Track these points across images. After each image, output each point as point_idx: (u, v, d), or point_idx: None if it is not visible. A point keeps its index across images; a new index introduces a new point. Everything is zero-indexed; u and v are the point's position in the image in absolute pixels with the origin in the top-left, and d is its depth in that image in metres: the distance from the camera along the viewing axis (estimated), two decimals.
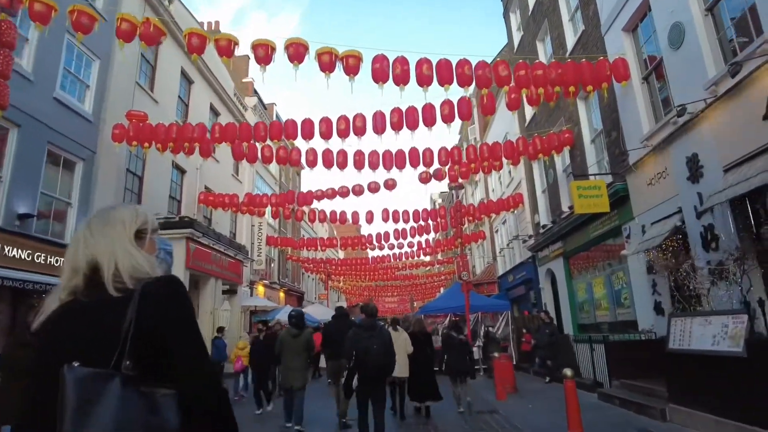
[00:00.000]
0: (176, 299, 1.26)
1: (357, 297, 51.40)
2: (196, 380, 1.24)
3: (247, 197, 16.72)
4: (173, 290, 1.27)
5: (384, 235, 20.71)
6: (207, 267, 15.88)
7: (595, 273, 12.25)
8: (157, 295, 1.23)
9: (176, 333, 1.23)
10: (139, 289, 1.21)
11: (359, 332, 5.73)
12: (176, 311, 1.25)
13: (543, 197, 16.30)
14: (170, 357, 1.21)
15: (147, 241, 1.39)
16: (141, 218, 1.39)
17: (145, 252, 1.35)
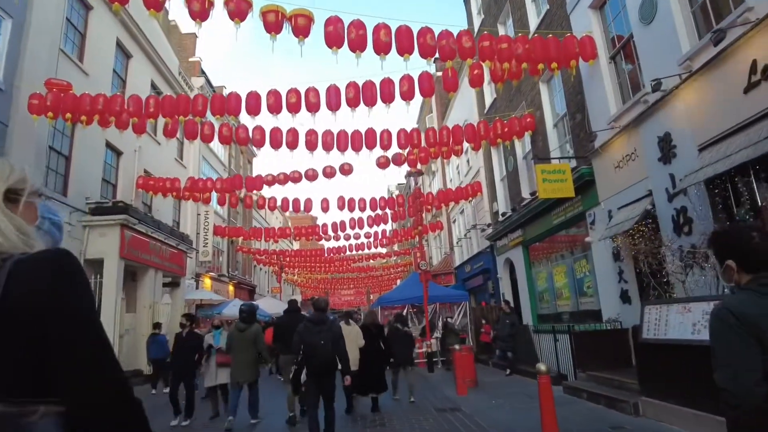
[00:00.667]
0: (63, 280, 0.94)
1: (312, 290, 50.40)
2: (93, 392, 0.92)
3: (190, 182, 15.45)
4: (59, 268, 0.95)
5: (340, 224, 19.88)
6: (145, 257, 14.55)
7: (557, 261, 11.93)
8: (35, 275, 0.92)
9: (62, 326, 0.91)
10: (7, 267, 0.91)
11: (309, 326, 5.59)
12: (63, 297, 0.92)
13: (502, 185, 15.94)
14: (54, 360, 0.89)
15: (22, 205, 1.06)
16: (15, 175, 1.06)
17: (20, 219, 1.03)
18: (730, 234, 1.88)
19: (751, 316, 1.59)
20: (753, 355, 1.56)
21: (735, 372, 1.56)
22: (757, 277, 1.69)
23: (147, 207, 17.35)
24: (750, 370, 1.54)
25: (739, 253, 1.75)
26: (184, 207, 20.91)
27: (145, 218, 14.55)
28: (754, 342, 1.56)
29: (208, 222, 21.91)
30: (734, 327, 1.60)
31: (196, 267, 21.57)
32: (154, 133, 18.21)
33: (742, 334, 1.58)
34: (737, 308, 1.63)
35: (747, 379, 1.53)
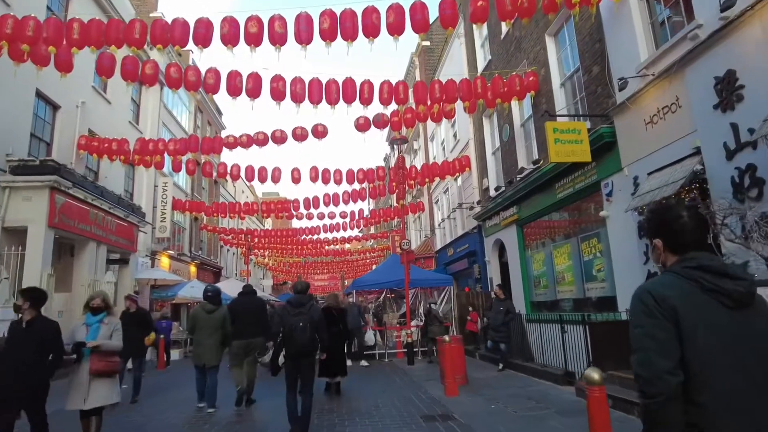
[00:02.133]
0: None
1: (285, 274, 48.49)
2: None
3: (140, 143, 13.39)
4: None
5: (313, 200, 18.06)
6: (83, 228, 12.52)
7: (559, 241, 10.43)
8: None
9: None
10: None
11: (288, 309, 5.62)
12: None
13: (494, 159, 14.38)
14: None
15: None
16: None
17: None
18: (659, 212, 1.78)
19: (671, 299, 1.51)
20: (669, 340, 1.48)
21: (649, 358, 1.49)
22: (682, 258, 1.62)
23: (93, 173, 15.22)
24: (664, 356, 1.47)
25: (667, 233, 1.68)
26: (139, 177, 18.76)
27: (83, 182, 12.48)
28: (671, 327, 1.49)
29: (167, 195, 19.81)
30: (653, 310, 1.52)
31: (152, 244, 19.49)
32: (104, 90, 16.03)
33: (659, 319, 1.50)
34: (658, 290, 1.55)
35: (660, 365, 1.46)
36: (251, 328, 7.37)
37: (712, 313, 1.51)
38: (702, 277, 1.54)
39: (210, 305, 7.15)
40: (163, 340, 13.11)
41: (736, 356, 1.47)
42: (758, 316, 1.55)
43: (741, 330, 1.50)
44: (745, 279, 1.55)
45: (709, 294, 1.52)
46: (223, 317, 7.15)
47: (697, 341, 1.47)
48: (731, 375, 1.46)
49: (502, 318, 9.71)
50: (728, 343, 1.48)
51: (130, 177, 18.17)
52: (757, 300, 1.58)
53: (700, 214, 1.71)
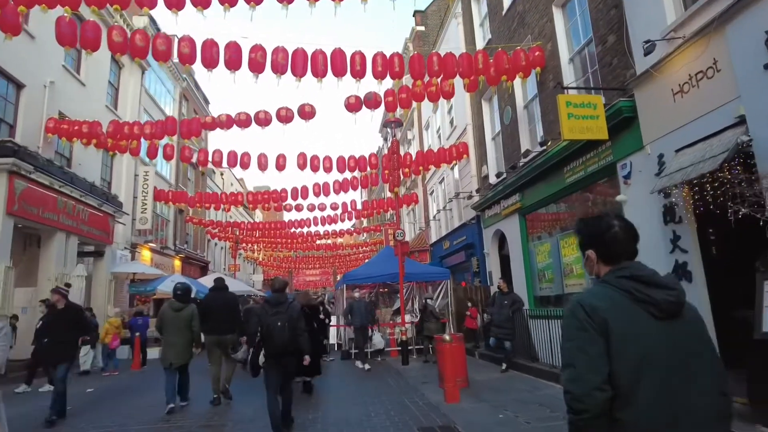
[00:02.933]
0: None
1: (276, 269, 47.53)
2: None
3: (113, 126, 12.38)
4: None
5: (301, 190, 17.11)
6: (50, 217, 11.54)
7: (567, 231, 9.60)
8: None
9: None
10: None
11: (266, 308, 5.52)
12: None
13: (494, 145, 13.53)
14: None
15: None
16: None
17: None
18: (591, 222, 1.76)
19: (602, 311, 1.48)
20: (597, 355, 1.44)
21: (577, 373, 1.44)
22: (614, 269, 1.60)
23: (65, 159, 14.18)
24: (593, 371, 1.42)
25: (599, 243, 1.67)
26: (117, 165, 17.72)
27: (48, 167, 11.48)
28: (601, 340, 1.45)
29: (148, 184, 18.79)
30: (584, 324, 1.48)
31: (132, 236, 18.48)
32: (76, 70, 14.98)
33: (590, 332, 1.46)
34: (589, 303, 1.51)
35: (590, 382, 1.41)
36: (223, 324, 7.25)
37: (642, 324, 1.47)
38: (634, 288, 1.52)
39: (178, 303, 6.89)
40: (139, 338, 12.16)
41: (663, 370, 1.44)
42: (688, 326, 1.52)
43: (671, 342, 1.47)
44: (674, 289, 1.52)
45: (640, 305, 1.50)
46: (191, 315, 6.88)
47: (625, 354, 1.44)
48: (656, 390, 1.42)
49: (507, 313, 8.87)
50: (656, 355, 1.44)
51: (107, 165, 17.12)
52: (687, 311, 1.54)
53: (630, 224, 1.69)
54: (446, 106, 17.38)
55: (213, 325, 7.12)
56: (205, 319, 7.05)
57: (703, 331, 1.55)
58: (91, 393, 8.82)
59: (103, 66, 16.71)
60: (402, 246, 11.15)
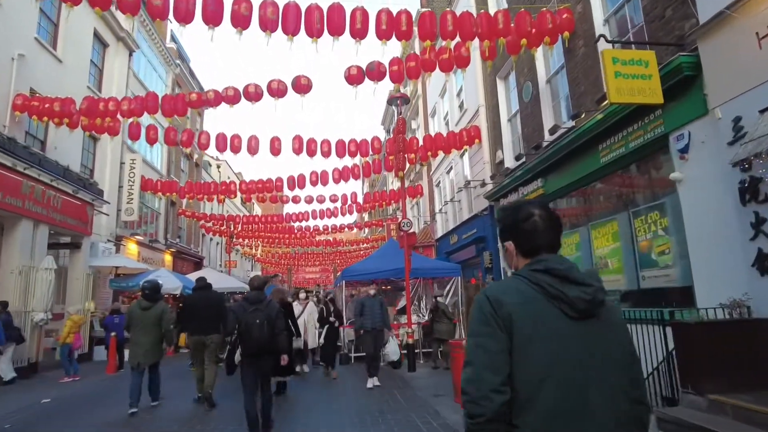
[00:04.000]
0: None
1: (275, 266, 46.37)
2: None
3: (87, 102, 11.13)
4: None
5: (298, 179, 15.85)
6: (12, 203, 10.29)
7: (600, 218, 8.34)
8: None
9: None
10: None
11: (244, 305, 5.37)
12: None
13: (509, 127, 12.26)
14: None
15: None
16: None
17: None
18: (509, 211, 1.57)
19: (508, 306, 1.34)
20: (498, 352, 1.31)
21: (475, 372, 1.31)
22: (531, 261, 1.45)
23: (38, 142, 12.91)
24: (491, 370, 1.29)
25: (517, 234, 1.51)
26: (101, 151, 16.47)
27: (9, 146, 10.22)
28: (504, 338, 1.32)
29: (134, 173, 17.54)
30: (488, 318, 1.35)
31: (117, 228, 17.24)
32: (52, 45, 13.72)
33: (493, 328, 1.33)
34: (496, 296, 1.38)
35: (486, 381, 1.28)
36: (207, 323, 7.03)
37: (552, 323, 1.33)
38: (547, 282, 1.37)
39: (145, 302, 6.80)
40: (115, 339, 10.92)
41: (570, 374, 1.29)
42: (605, 329, 1.38)
43: (581, 344, 1.33)
44: (590, 285, 1.37)
45: (553, 301, 1.36)
46: (160, 314, 6.78)
47: (528, 354, 1.30)
48: (559, 396, 1.28)
49: None
50: (562, 358, 1.30)
51: (89, 150, 15.87)
52: (608, 311, 1.40)
53: (553, 214, 1.51)
54: (455, 89, 16.10)
55: (197, 326, 6.96)
56: (189, 319, 6.96)
57: (622, 335, 1.42)
58: (47, 405, 7.58)
59: (84, 43, 15.45)
60: (408, 237, 9.89)
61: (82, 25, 15.23)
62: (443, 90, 17.54)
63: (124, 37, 17.89)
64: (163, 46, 22.78)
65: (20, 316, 10.29)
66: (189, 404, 7.08)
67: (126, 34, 17.99)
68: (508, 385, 1.28)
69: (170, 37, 25.28)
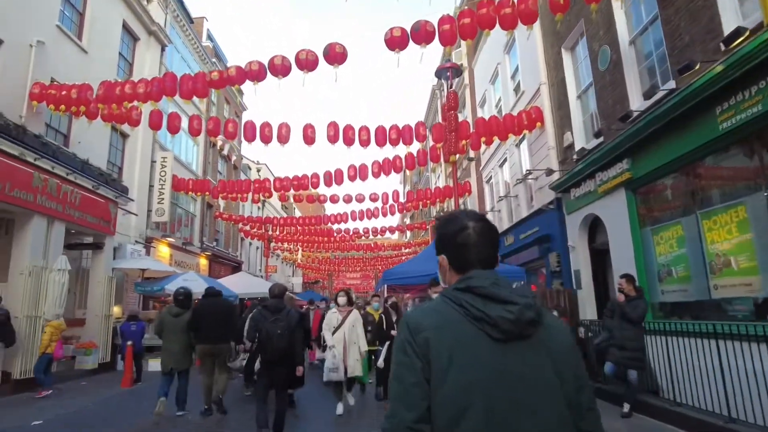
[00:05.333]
0: None
1: (315, 272, 45.47)
2: None
3: (104, 88, 10.13)
4: None
5: (335, 174, 14.48)
6: (22, 196, 9.36)
7: (715, 204, 6.42)
8: None
9: None
10: None
11: (265, 314, 5.34)
12: None
13: (579, 105, 10.42)
14: None
15: None
16: None
17: None
18: (443, 222, 1.37)
19: (426, 331, 1.16)
20: (414, 385, 1.13)
21: (392, 408, 1.14)
22: (459, 279, 1.24)
23: (62, 136, 12.11)
24: (405, 405, 1.12)
25: (449, 247, 1.31)
26: (131, 149, 15.69)
27: (17, 133, 9.29)
28: (421, 366, 1.14)
29: (165, 172, 16.69)
30: (404, 344, 1.18)
31: (147, 229, 16.41)
32: (77, 35, 12.98)
33: (409, 355, 1.16)
34: (415, 320, 1.21)
35: (400, 418, 1.12)
36: (217, 331, 6.80)
37: (473, 348, 1.13)
38: (469, 302, 1.17)
39: (176, 308, 6.86)
40: (131, 348, 9.78)
41: (492, 405, 1.09)
42: (538, 351, 1.15)
43: (506, 371, 1.11)
44: (516, 304, 1.14)
45: (476, 323, 1.15)
46: (189, 321, 6.81)
47: (446, 384, 1.11)
48: (481, 430, 1.08)
49: (633, 330, 5.77)
50: (484, 387, 1.09)
51: (118, 148, 15.08)
52: (546, 331, 1.17)
53: (490, 226, 1.31)
54: (508, 71, 14.33)
55: (205, 334, 6.72)
56: (197, 327, 6.77)
57: (564, 357, 1.17)
58: (38, 428, 6.39)
59: (112, 34, 14.71)
60: None
61: (109, 15, 14.51)
62: (494, 74, 15.80)
63: (155, 31, 17.17)
64: (199, 43, 22.12)
65: (31, 321, 9.31)
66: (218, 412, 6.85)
67: (158, 27, 17.27)
68: (427, 421, 1.11)
69: (206, 35, 24.71)
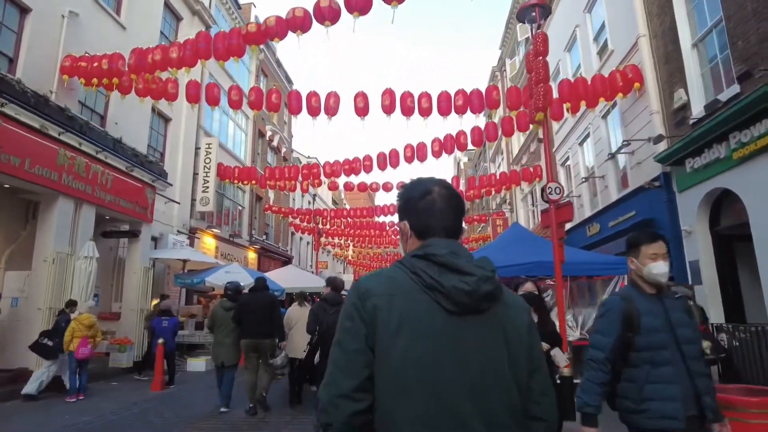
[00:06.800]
0: None
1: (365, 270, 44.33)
2: None
3: (135, 56, 9.05)
4: None
5: (390, 154, 12.91)
6: (47, 175, 8.39)
7: None
8: None
9: None
10: None
11: (324, 307, 5.55)
12: None
13: (696, 55, 8.28)
14: None
15: None
16: None
17: None
18: (407, 187, 1.32)
19: (374, 298, 1.11)
20: (356, 352, 1.09)
21: (332, 375, 1.10)
22: (418, 246, 1.21)
23: (97, 117, 11.23)
24: (345, 373, 1.08)
25: (411, 213, 1.26)
26: (173, 134, 14.84)
27: (37, 102, 8.30)
28: (365, 334, 1.10)
29: (210, 158, 15.73)
30: (352, 311, 1.13)
31: (191, 219, 15.52)
32: (116, 10, 12.14)
33: (356, 323, 1.11)
34: (365, 285, 1.16)
35: (338, 385, 1.08)
36: (260, 327, 6.61)
37: (423, 318, 1.09)
38: (424, 270, 1.13)
39: (227, 302, 6.95)
40: (162, 347, 8.62)
41: (437, 379, 1.05)
42: (492, 327, 1.11)
43: (457, 345, 1.07)
44: (473, 275, 1.10)
45: (430, 293, 1.11)
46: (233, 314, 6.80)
47: (390, 356, 1.07)
48: (422, 407, 1.03)
49: None
50: (431, 362, 1.06)
51: (159, 132, 14.22)
52: (503, 307, 1.14)
53: (454, 193, 1.27)
54: (591, 32, 12.21)
55: (249, 328, 6.64)
56: (241, 321, 6.69)
57: (519, 336, 1.14)
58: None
59: (153, 12, 13.89)
60: (560, 211, 6.40)
61: None
62: (570, 40, 13.70)
63: (199, 10, 16.30)
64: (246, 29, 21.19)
65: (54, 314, 8.34)
66: None
67: (202, 7, 16.39)
68: (367, 391, 1.07)
69: (254, 20, 23.85)
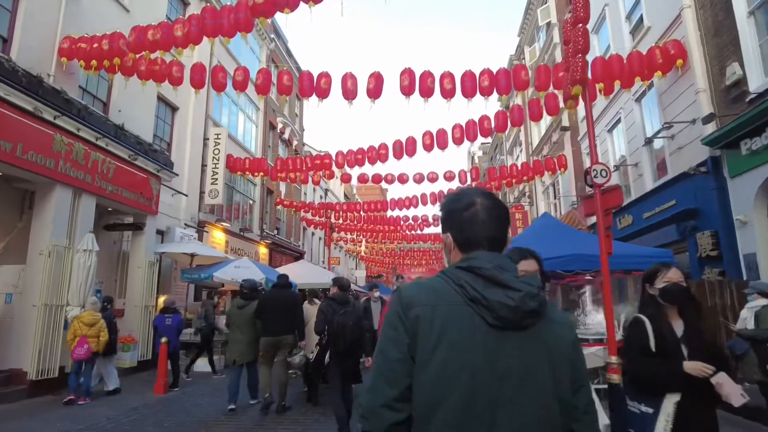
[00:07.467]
0: None
1: (378, 266, 43.71)
2: None
3: (135, 34, 8.42)
4: None
5: (406, 142, 12.18)
6: (42, 162, 7.81)
7: None
8: None
9: None
10: None
11: (334, 306, 5.48)
12: None
13: (754, 23, 7.43)
14: None
15: None
16: None
17: None
18: (450, 198, 1.31)
19: (417, 308, 1.12)
20: (399, 361, 1.10)
21: (374, 380, 1.12)
22: (462, 258, 1.20)
23: (100, 104, 10.64)
24: (388, 381, 1.10)
25: (454, 225, 1.25)
26: (180, 124, 14.23)
27: (29, 83, 7.71)
28: (408, 343, 1.11)
29: (219, 149, 15.12)
30: (395, 320, 1.14)
31: (200, 213, 14.94)
32: None
33: (398, 330, 1.12)
34: (408, 294, 1.16)
35: (380, 394, 1.09)
36: (280, 324, 6.58)
37: (464, 330, 1.08)
38: (468, 282, 1.12)
39: (242, 300, 6.91)
40: (165, 346, 8.01)
41: (476, 397, 1.04)
42: (535, 345, 1.10)
43: (498, 361, 1.06)
44: (518, 290, 1.09)
45: (473, 305, 1.10)
46: (253, 312, 6.73)
47: (429, 366, 1.07)
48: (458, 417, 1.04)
49: None
50: (470, 375, 1.05)
51: (165, 121, 13.62)
52: (548, 325, 1.12)
53: (498, 204, 1.24)
54: (621, 10, 11.34)
55: (270, 325, 6.54)
56: (261, 318, 6.62)
57: (561, 353, 1.11)
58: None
59: None
60: (608, 197, 5.63)
61: None
62: (598, 20, 12.84)
63: None
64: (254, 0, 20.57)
65: (50, 311, 7.77)
66: None
67: None
68: (408, 400, 1.08)
69: None
